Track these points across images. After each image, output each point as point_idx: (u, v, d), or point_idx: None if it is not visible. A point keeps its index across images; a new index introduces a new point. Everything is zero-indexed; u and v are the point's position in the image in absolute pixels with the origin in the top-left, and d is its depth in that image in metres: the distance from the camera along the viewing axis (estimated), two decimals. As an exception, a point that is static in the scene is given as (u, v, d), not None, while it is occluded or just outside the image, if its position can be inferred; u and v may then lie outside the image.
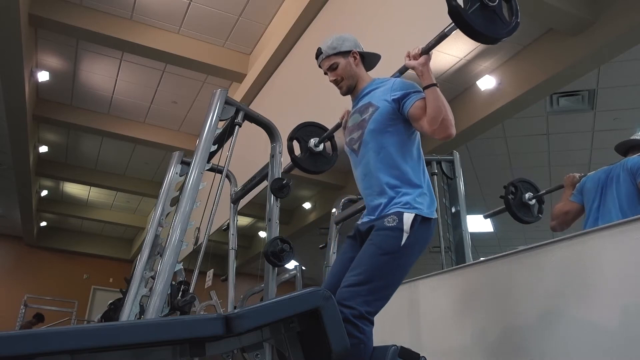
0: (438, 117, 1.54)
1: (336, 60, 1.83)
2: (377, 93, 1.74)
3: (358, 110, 1.78)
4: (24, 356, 0.96)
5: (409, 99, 1.64)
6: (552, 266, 1.86)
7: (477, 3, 1.49)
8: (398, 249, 1.52)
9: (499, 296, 2.08)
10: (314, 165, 2.53)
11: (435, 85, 1.59)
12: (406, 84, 1.69)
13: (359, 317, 1.43)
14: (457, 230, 3.23)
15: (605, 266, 1.66)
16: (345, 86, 1.83)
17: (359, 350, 1.40)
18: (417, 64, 1.64)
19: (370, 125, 1.69)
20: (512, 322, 1.98)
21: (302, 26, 5.03)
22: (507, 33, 1.54)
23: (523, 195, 2.94)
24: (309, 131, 2.56)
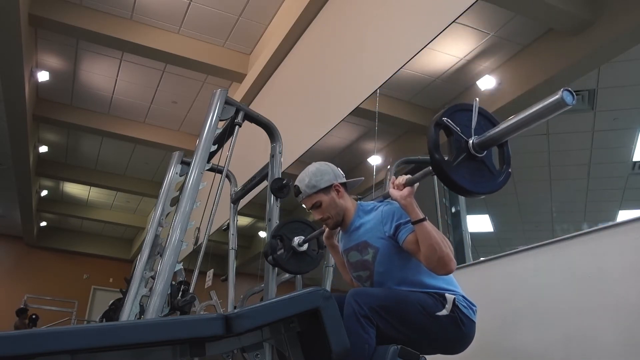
0: (433, 256, 1.48)
1: (318, 198, 1.73)
2: (368, 227, 1.68)
3: (356, 247, 1.71)
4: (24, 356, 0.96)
5: (400, 234, 1.58)
6: (552, 266, 1.86)
7: (462, 153, 1.29)
8: (432, 313, 1.51)
9: (499, 296, 2.08)
10: (297, 266, 2.41)
11: (423, 220, 1.51)
12: (394, 214, 1.63)
13: (365, 316, 1.45)
14: (457, 230, 3.23)
15: (605, 266, 1.66)
16: (332, 223, 1.75)
17: (364, 350, 1.41)
18: (400, 197, 1.53)
19: (378, 268, 1.64)
20: (512, 322, 1.98)
21: (302, 26, 5.02)
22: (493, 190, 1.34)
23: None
24: (293, 228, 2.44)
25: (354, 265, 1.73)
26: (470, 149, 1.29)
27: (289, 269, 2.44)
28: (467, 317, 1.55)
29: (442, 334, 1.53)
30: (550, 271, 1.86)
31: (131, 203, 10.85)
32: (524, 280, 1.97)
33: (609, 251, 1.66)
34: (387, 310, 1.49)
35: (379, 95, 3.50)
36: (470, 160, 1.30)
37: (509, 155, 1.38)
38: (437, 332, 1.52)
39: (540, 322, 1.84)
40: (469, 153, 1.30)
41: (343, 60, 4.21)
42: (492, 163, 1.35)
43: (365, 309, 1.46)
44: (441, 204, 3.32)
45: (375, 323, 1.47)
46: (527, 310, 1.91)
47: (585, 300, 1.70)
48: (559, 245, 1.86)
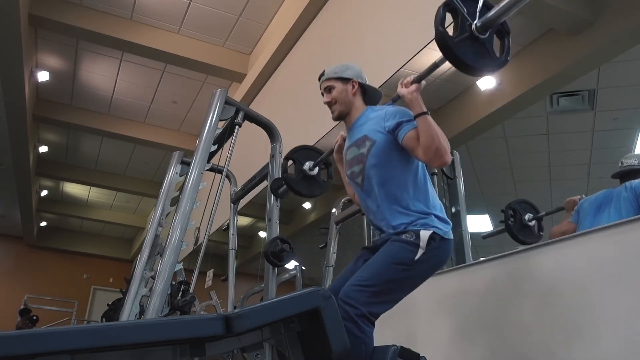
0: (431, 146, 1.54)
1: (334, 83, 1.84)
2: (370, 125, 1.74)
3: (355, 143, 1.77)
4: (24, 356, 0.96)
5: (401, 130, 1.64)
6: (552, 266, 1.86)
7: (465, 33, 1.43)
8: (410, 262, 1.54)
9: (499, 296, 2.08)
10: (307, 189, 2.51)
11: (425, 113, 1.58)
12: (397, 113, 1.69)
13: (361, 316, 1.44)
14: (457, 230, 3.23)
15: (605, 266, 1.66)
16: (337, 111, 1.82)
17: (360, 350, 1.41)
18: (407, 92, 1.64)
19: (370, 160, 1.69)
20: (512, 322, 1.98)
21: (302, 26, 5.02)
22: (494, 68, 1.49)
23: (523, 217, 2.92)
24: (305, 154, 2.54)
25: (350, 162, 1.79)
26: (473, 30, 1.43)
27: (299, 190, 2.52)
28: (442, 240, 1.60)
29: (425, 269, 1.59)
30: (551, 271, 1.86)
31: (131, 203, 10.85)
32: (524, 280, 1.97)
33: (609, 251, 1.67)
34: (378, 294, 1.50)
35: (379, 95, 3.50)
36: (473, 40, 1.44)
37: (509, 46, 1.51)
38: (421, 271, 1.58)
39: (540, 322, 1.84)
40: (472, 34, 1.43)
41: (343, 60, 4.18)
42: (493, 49, 1.47)
43: (360, 308, 1.45)
44: (441, 204, 3.31)
45: (373, 319, 1.47)
46: (528, 310, 1.91)
47: (586, 300, 1.70)
48: (559, 245, 1.86)
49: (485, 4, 1.45)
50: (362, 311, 1.45)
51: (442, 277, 2.48)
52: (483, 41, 1.45)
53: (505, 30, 1.51)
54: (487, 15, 1.42)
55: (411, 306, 2.61)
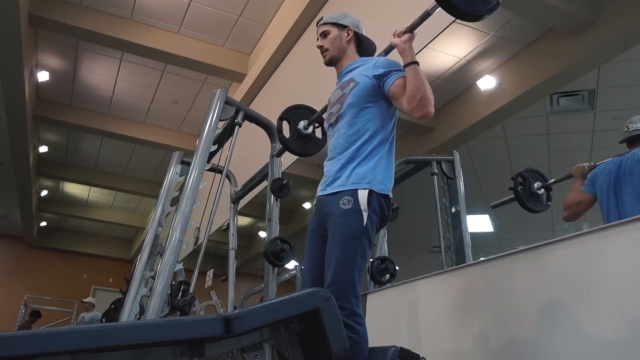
0: (417, 95, 1.55)
1: (330, 29, 1.85)
2: (359, 70, 1.75)
3: (340, 86, 1.79)
4: (24, 356, 0.96)
5: (390, 77, 1.65)
6: (553, 266, 1.86)
7: None
8: (361, 229, 1.54)
9: (499, 296, 2.08)
10: (302, 147, 2.52)
11: (415, 63, 1.60)
12: (389, 62, 1.70)
13: (350, 315, 1.44)
14: (457, 230, 3.24)
15: (606, 266, 1.66)
16: (329, 56, 1.84)
17: (354, 350, 1.40)
18: (400, 41, 1.66)
19: (349, 99, 1.70)
20: (512, 322, 1.98)
21: (302, 26, 5.02)
22: (487, 11, 1.53)
23: (532, 185, 2.92)
24: (299, 114, 2.55)
25: (332, 104, 1.79)
26: None
27: (294, 149, 2.52)
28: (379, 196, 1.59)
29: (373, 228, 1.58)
30: (551, 271, 1.86)
31: (131, 203, 10.85)
32: (524, 280, 1.97)
33: (609, 251, 1.66)
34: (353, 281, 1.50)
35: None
36: None
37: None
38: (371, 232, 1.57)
39: (540, 322, 1.84)
40: None
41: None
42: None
43: (347, 307, 1.44)
44: (441, 204, 3.32)
45: (361, 313, 1.48)
46: (528, 310, 1.91)
47: (586, 300, 1.70)
48: (559, 245, 1.86)
49: None
50: (349, 309, 1.45)
51: (442, 277, 2.48)
52: None
53: None
54: None
55: (411, 306, 2.61)
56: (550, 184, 2.94)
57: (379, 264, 3.24)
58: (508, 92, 4.87)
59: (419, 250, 7.93)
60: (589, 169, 2.57)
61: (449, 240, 3.25)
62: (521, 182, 2.91)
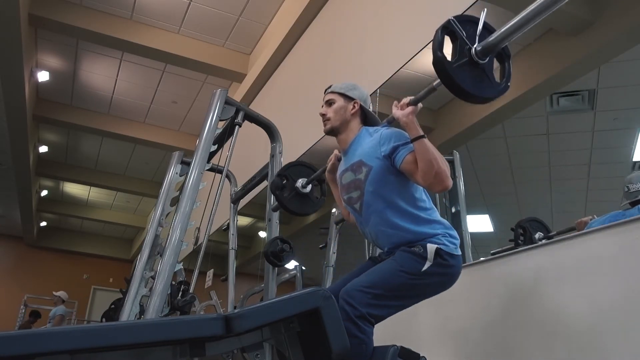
0: (430, 171, 1.49)
1: (336, 98, 1.80)
2: (366, 149, 1.69)
3: (351, 168, 1.72)
4: (24, 356, 0.96)
5: (398, 154, 1.59)
6: (552, 266, 1.86)
7: (464, 58, 1.35)
8: (417, 272, 1.52)
9: (499, 296, 2.08)
10: (299, 207, 2.47)
11: (422, 136, 1.53)
12: (393, 136, 1.64)
13: (360, 317, 1.44)
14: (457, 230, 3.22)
15: (605, 266, 1.66)
16: (329, 125, 1.79)
17: (360, 350, 1.40)
18: (402, 115, 1.57)
19: (368, 187, 1.65)
20: (512, 322, 1.98)
21: (302, 26, 5.02)
22: (493, 96, 1.40)
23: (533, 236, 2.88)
24: (297, 171, 2.50)
25: (347, 187, 1.75)
26: (472, 55, 1.35)
27: (291, 208, 2.48)
28: (451, 256, 1.56)
29: (432, 283, 1.56)
30: (551, 271, 1.86)
31: (131, 203, 10.84)
32: (524, 280, 1.97)
33: (609, 251, 1.67)
34: (380, 297, 1.49)
35: (379, 95, 3.50)
36: (472, 66, 1.35)
37: (510, 71, 1.43)
38: (427, 285, 1.56)
39: (540, 322, 1.84)
40: (472, 59, 1.35)
41: (343, 60, 4.20)
42: (493, 74, 1.39)
43: (359, 309, 1.45)
44: (441, 204, 3.32)
45: (373, 320, 1.47)
46: (527, 310, 1.91)
47: (586, 300, 1.70)
48: (559, 245, 1.86)
49: (486, 26, 1.38)
50: (361, 312, 1.44)
51: (442, 277, 2.48)
52: (483, 67, 1.37)
53: (506, 53, 1.43)
54: (488, 40, 1.34)
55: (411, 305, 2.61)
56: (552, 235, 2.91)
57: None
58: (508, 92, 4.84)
59: (419, 250, 7.91)
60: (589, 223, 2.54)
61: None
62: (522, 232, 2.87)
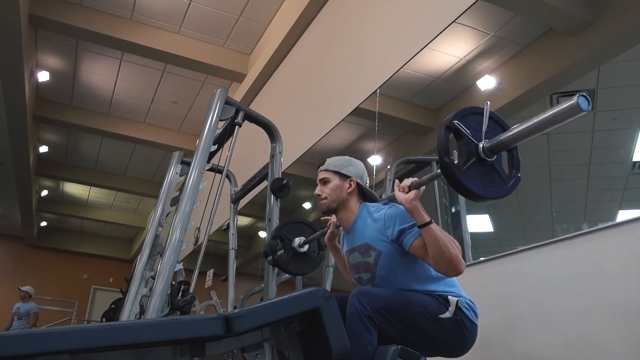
0: (442, 259, 1.46)
1: (331, 177, 1.75)
2: (371, 231, 1.65)
3: (358, 249, 1.69)
4: (24, 356, 0.96)
5: (406, 239, 1.55)
6: (552, 266, 1.86)
7: (472, 157, 1.28)
8: (435, 316, 1.50)
9: (499, 296, 2.08)
10: (297, 267, 2.41)
11: (429, 223, 1.48)
12: (397, 218, 1.60)
13: (368, 317, 1.45)
14: (457, 230, 3.23)
15: (605, 266, 1.66)
16: (326, 206, 1.74)
17: (367, 350, 1.41)
18: (405, 201, 1.51)
19: (380, 272, 1.62)
20: (512, 322, 1.98)
21: (302, 26, 5.02)
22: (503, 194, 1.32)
23: None
24: (293, 229, 2.44)
25: (355, 267, 1.71)
26: (480, 153, 1.28)
27: (289, 270, 2.44)
28: (469, 320, 1.53)
29: (444, 336, 1.52)
30: (551, 271, 1.86)
31: (131, 203, 10.84)
32: (524, 280, 1.97)
33: (609, 251, 1.66)
34: (391, 312, 1.48)
35: (379, 95, 3.50)
36: (480, 164, 1.28)
37: (519, 160, 1.35)
38: (439, 335, 1.51)
39: (540, 322, 1.84)
40: (479, 157, 1.28)
41: (343, 60, 4.20)
42: (502, 168, 1.32)
43: (368, 310, 1.45)
44: (441, 204, 3.32)
45: (377, 324, 1.47)
46: (527, 310, 1.91)
47: (586, 300, 1.70)
48: (559, 245, 1.86)
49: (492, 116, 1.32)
50: (369, 312, 1.45)
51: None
52: (491, 163, 1.30)
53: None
54: (498, 139, 1.27)
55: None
56: None
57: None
58: (508, 92, 4.86)
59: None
60: None
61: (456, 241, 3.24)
62: None
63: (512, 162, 1.35)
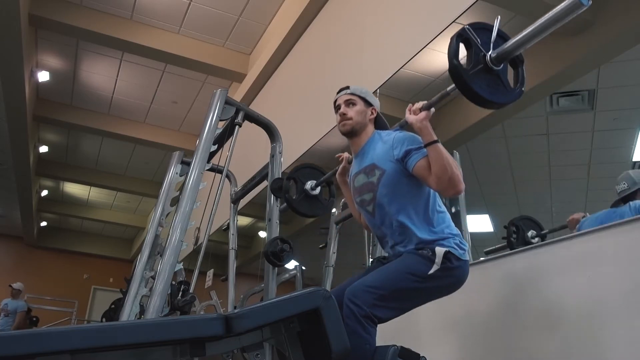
0: (444, 176, 1.51)
1: (357, 100, 1.82)
2: (379, 152, 1.72)
3: (363, 170, 1.75)
4: (24, 356, 0.96)
5: (411, 159, 1.61)
6: (552, 266, 1.86)
7: (480, 65, 1.39)
8: (424, 275, 1.53)
9: (499, 296, 2.08)
10: (309, 208, 2.49)
11: (436, 142, 1.55)
12: (405, 140, 1.66)
13: (365, 316, 1.45)
14: (457, 231, 3.23)
15: (605, 266, 1.66)
16: (350, 126, 1.79)
17: (364, 350, 1.41)
18: (415, 120, 1.59)
19: (382, 190, 1.67)
20: (512, 322, 1.98)
21: (302, 26, 5.02)
22: (509, 100, 1.44)
23: (526, 234, 2.89)
24: (306, 173, 2.51)
25: (359, 189, 1.76)
26: (487, 61, 1.39)
27: (301, 210, 2.49)
28: (458, 260, 1.58)
29: (438, 286, 1.58)
30: (551, 271, 1.86)
31: (131, 203, 10.84)
32: (524, 280, 1.97)
33: (609, 251, 1.67)
34: (385, 299, 1.50)
35: (379, 95, 3.50)
36: (487, 72, 1.39)
37: (524, 76, 1.47)
38: (433, 287, 1.58)
39: (540, 322, 1.84)
40: (486, 65, 1.39)
41: (343, 60, 4.20)
42: (507, 79, 1.42)
43: (364, 308, 1.45)
44: (441, 204, 3.31)
45: (377, 317, 1.47)
46: (527, 310, 1.92)
47: (586, 300, 1.70)
48: (559, 245, 1.86)
49: (499, 34, 1.41)
50: (366, 312, 1.45)
51: (442, 277, 2.47)
52: (497, 72, 1.40)
53: (520, 59, 1.46)
54: (504, 47, 1.37)
55: (411, 306, 2.61)
56: (544, 233, 2.92)
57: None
58: (508, 92, 4.86)
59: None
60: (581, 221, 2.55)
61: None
62: (514, 230, 2.88)
63: (517, 77, 1.46)
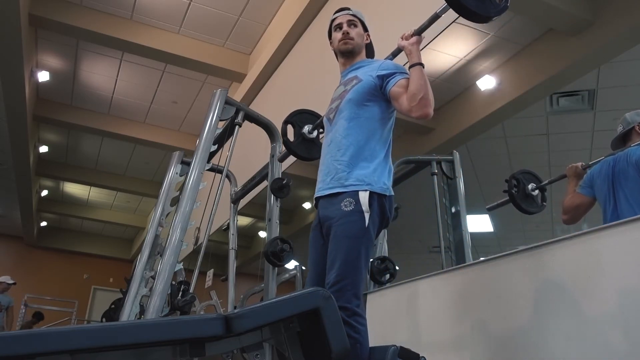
0: (418, 94, 1.57)
1: (358, 23, 1.89)
2: (364, 69, 1.78)
3: (343, 82, 1.82)
4: (24, 356, 0.96)
5: (393, 78, 1.67)
6: (552, 266, 1.86)
7: None
8: (363, 230, 1.55)
9: (499, 296, 2.08)
10: (307, 151, 2.54)
11: (420, 64, 1.63)
12: (395, 65, 1.74)
13: (352, 315, 1.45)
14: (457, 230, 3.23)
15: (605, 266, 1.66)
16: (351, 46, 1.85)
17: (356, 350, 1.41)
18: (407, 44, 1.69)
19: (349, 95, 1.72)
20: (512, 322, 1.98)
21: (302, 26, 5.02)
22: (496, 12, 1.58)
23: (526, 187, 2.93)
24: (303, 118, 2.57)
25: (334, 100, 1.82)
26: None
27: (299, 153, 2.53)
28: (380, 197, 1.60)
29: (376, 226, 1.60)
30: (551, 271, 1.86)
31: (131, 203, 10.85)
32: (524, 280, 1.97)
33: (609, 251, 1.67)
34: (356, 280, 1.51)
35: (379, 95, 3.50)
36: None
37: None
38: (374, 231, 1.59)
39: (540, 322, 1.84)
40: None
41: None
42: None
43: (349, 307, 1.45)
44: (441, 204, 3.31)
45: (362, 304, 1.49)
46: (527, 310, 1.91)
47: (585, 300, 1.70)
48: (559, 245, 1.86)
49: None
50: (351, 309, 1.46)
51: (442, 277, 2.48)
52: None
53: None
54: None
55: (411, 306, 2.61)
56: (544, 184, 2.94)
57: (379, 263, 3.24)
58: (508, 92, 4.87)
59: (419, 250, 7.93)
60: (582, 169, 2.56)
61: (449, 240, 3.25)
62: (515, 184, 2.91)
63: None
